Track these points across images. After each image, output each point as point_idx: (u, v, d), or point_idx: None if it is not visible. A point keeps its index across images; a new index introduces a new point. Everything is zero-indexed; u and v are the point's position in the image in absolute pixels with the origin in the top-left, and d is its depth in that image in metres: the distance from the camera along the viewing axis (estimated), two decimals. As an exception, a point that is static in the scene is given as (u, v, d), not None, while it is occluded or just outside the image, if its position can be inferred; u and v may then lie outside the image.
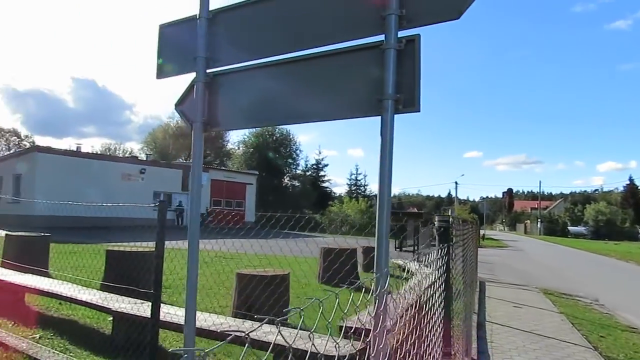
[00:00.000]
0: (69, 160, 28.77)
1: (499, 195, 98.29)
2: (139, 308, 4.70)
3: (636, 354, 6.11)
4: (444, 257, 2.48)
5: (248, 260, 7.77)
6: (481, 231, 34.24)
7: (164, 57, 2.78)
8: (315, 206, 50.22)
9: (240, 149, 59.95)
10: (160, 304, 3.97)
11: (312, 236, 16.58)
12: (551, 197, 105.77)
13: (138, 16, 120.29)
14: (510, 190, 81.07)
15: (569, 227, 68.62)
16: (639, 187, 74.40)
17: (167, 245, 4.06)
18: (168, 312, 4.40)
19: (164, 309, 4.25)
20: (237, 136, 63.18)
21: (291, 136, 58.06)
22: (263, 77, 2.40)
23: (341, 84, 2.12)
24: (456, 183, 60.19)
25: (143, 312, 4.43)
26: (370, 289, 1.46)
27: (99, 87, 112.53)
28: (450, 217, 2.87)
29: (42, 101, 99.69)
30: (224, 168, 48.28)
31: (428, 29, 1.99)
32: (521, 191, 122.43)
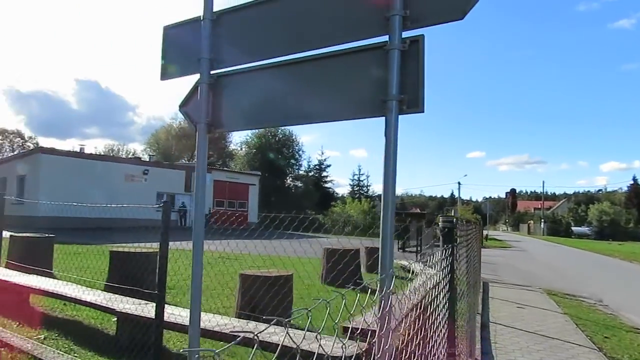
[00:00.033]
0: (72, 161, 28.88)
1: (502, 196, 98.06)
2: (143, 309, 4.71)
3: (641, 355, 6.09)
4: (449, 258, 2.48)
5: (252, 261, 7.77)
6: (484, 231, 34.14)
7: (168, 59, 2.79)
8: (317, 207, 50.21)
9: (243, 149, 60.02)
10: (165, 305, 3.98)
11: (315, 237, 16.58)
12: (554, 197, 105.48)
13: (141, 18, 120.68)
14: (513, 190, 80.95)
15: (573, 228, 68.35)
16: (643, 187, 74.08)
17: (170, 246, 4.07)
18: (172, 313, 4.41)
19: (168, 309, 4.26)
20: (239, 137, 63.18)
21: (294, 137, 58.14)
22: (267, 78, 2.40)
23: (345, 84, 2.12)
24: (459, 183, 59.77)
25: (147, 313, 4.44)
26: (375, 290, 1.46)
27: (102, 89, 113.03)
28: (454, 218, 2.87)
29: (46, 102, 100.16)
30: (226, 169, 48.33)
31: (431, 29, 1.99)
32: (524, 191, 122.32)
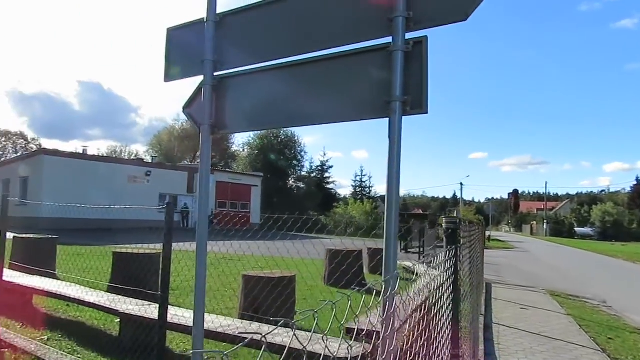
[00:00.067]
0: (75, 162, 28.94)
1: (505, 197, 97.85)
2: (146, 310, 4.71)
3: (645, 356, 6.07)
4: (452, 259, 2.48)
5: (255, 262, 7.78)
6: (487, 232, 34.08)
7: (172, 61, 2.80)
8: (320, 208, 50.22)
9: (245, 151, 60.09)
10: (168, 306, 3.98)
11: (317, 238, 16.58)
12: (557, 198, 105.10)
13: (143, 19, 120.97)
14: (516, 191, 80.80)
15: (576, 229, 68.12)
16: (646, 188, 73.77)
17: (173, 247, 4.07)
18: (175, 314, 4.41)
19: (171, 310, 4.26)
20: (242, 138, 63.32)
21: (296, 138, 58.16)
22: (270, 79, 2.41)
23: (349, 86, 2.12)
24: (461, 184, 59.65)
25: (150, 314, 4.45)
26: (378, 291, 1.46)
27: (104, 90, 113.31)
28: (458, 219, 2.87)
29: (49, 104, 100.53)
30: (229, 170, 48.38)
31: (433, 29, 1.99)
32: (527, 192, 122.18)
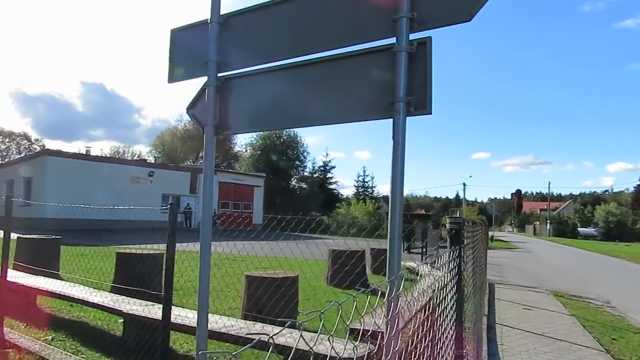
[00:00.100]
0: (78, 163, 29.04)
1: (508, 197, 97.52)
2: (150, 310, 4.73)
3: (649, 357, 6.05)
4: (456, 260, 2.48)
5: (258, 262, 7.79)
6: (490, 233, 34.02)
7: (176, 62, 2.81)
8: (322, 208, 50.25)
9: (248, 151, 60.17)
10: (171, 306, 3.99)
11: (321, 238, 16.58)
12: (560, 198, 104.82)
13: (145, 20, 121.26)
14: (518, 191, 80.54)
15: (579, 229, 67.94)
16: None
17: (176, 248, 4.08)
18: (179, 314, 4.42)
19: (175, 311, 4.27)
20: (244, 138, 63.42)
21: (298, 138, 58.21)
22: (274, 80, 2.41)
23: (352, 86, 2.12)
24: (464, 184, 59.58)
25: (154, 314, 4.46)
26: (382, 292, 1.46)
27: (107, 91, 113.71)
28: (462, 219, 2.87)
29: (52, 105, 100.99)
30: (231, 170, 48.44)
31: (436, 29, 1.99)
32: (530, 192, 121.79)
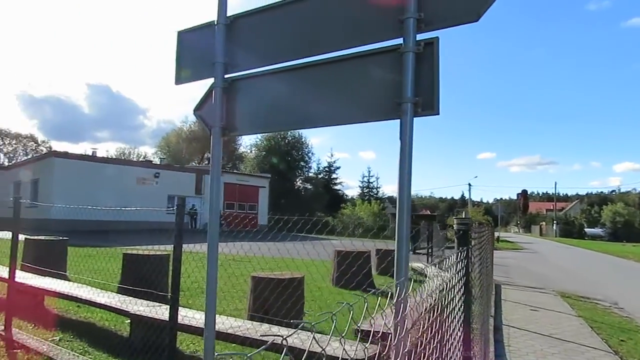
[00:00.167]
0: (85, 164, 29.22)
1: (513, 197, 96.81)
2: (157, 311, 4.74)
3: (658, 359, 5.99)
4: (463, 261, 2.47)
5: (265, 263, 7.80)
6: (496, 233, 33.84)
7: (183, 63, 2.81)
8: (327, 209, 50.19)
9: (253, 152, 60.24)
10: (178, 307, 4.00)
11: (326, 239, 16.57)
12: (567, 199, 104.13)
13: (151, 22, 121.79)
14: (524, 191, 79.75)
15: (586, 229, 67.48)
16: (657, 188, 72.92)
17: (182, 249, 4.09)
18: (186, 315, 4.43)
19: (182, 312, 4.27)
20: (249, 139, 63.58)
21: (303, 139, 58.17)
22: (281, 82, 2.41)
23: (360, 87, 2.12)
24: (469, 185, 59.37)
25: (161, 315, 4.47)
26: (390, 294, 1.46)
27: (113, 93, 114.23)
28: (469, 220, 2.85)
29: (58, 107, 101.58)
30: (236, 171, 48.52)
31: (442, 30, 1.98)
32: (536, 192, 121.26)
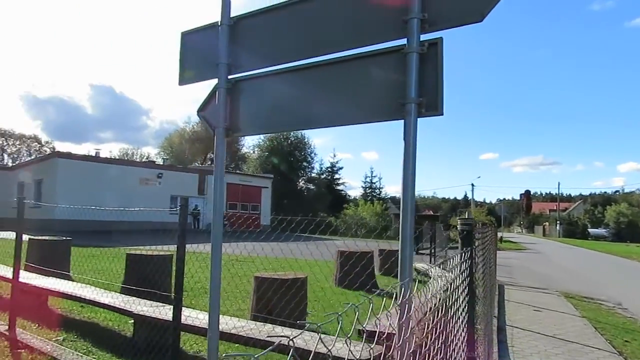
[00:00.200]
0: (88, 165, 29.32)
1: (516, 197, 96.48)
2: (160, 311, 4.74)
3: (663, 360, 5.97)
4: (467, 261, 2.47)
5: (267, 263, 7.81)
6: (499, 234, 33.76)
7: (186, 64, 2.82)
8: (330, 209, 50.15)
9: (255, 152, 60.30)
10: (182, 307, 4.00)
11: (329, 239, 16.57)
12: (570, 199, 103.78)
13: (154, 23, 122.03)
14: (527, 191, 79.65)
15: (589, 229, 67.24)
16: (661, 188, 72.64)
17: (186, 249, 4.09)
18: (189, 316, 4.43)
19: (185, 312, 4.28)
20: (252, 140, 63.68)
21: (306, 139, 58.16)
22: (284, 82, 2.41)
23: (363, 88, 2.12)
24: (472, 185, 59.37)
25: (164, 315, 4.48)
26: (395, 294, 1.46)
27: (116, 94, 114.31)
28: (473, 220, 2.85)
29: (62, 108, 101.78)
30: (239, 172, 48.56)
31: (445, 31, 1.98)
32: (539, 193, 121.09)
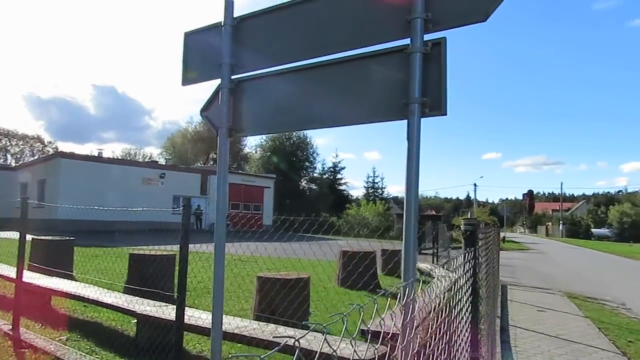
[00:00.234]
0: (91, 165, 29.40)
1: (519, 197, 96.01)
2: (163, 311, 4.75)
3: (666, 360, 5.94)
4: (471, 261, 2.46)
5: (271, 263, 7.80)
6: (501, 234, 33.69)
7: (190, 64, 2.82)
8: (332, 209, 50.11)
9: (258, 152, 60.32)
10: (185, 307, 4.01)
11: (332, 239, 16.56)
12: (573, 199, 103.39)
13: (156, 23, 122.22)
14: (530, 191, 79.31)
15: (592, 230, 66.99)
16: (665, 188, 72.35)
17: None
18: (192, 315, 4.44)
19: (188, 312, 4.29)
20: (254, 140, 63.76)
21: (308, 139, 58.13)
22: (288, 82, 2.41)
23: (366, 88, 2.12)
24: (475, 185, 59.10)
25: (167, 315, 4.48)
26: (394, 293, 1.45)
27: (118, 94, 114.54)
28: (476, 220, 2.84)
29: (64, 108, 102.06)
30: (241, 172, 48.59)
31: (449, 30, 1.98)
32: (542, 193, 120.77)
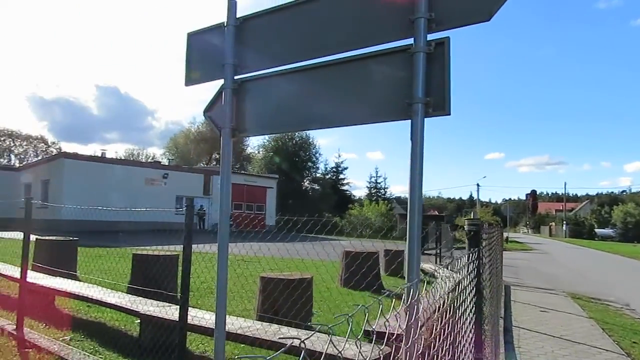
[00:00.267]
0: (94, 165, 29.49)
1: (522, 197, 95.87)
2: (167, 311, 4.76)
3: (671, 361, 5.91)
4: (475, 262, 2.45)
5: (274, 263, 7.83)
6: (505, 234, 33.60)
7: (193, 65, 2.82)
8: (335, 209, 50.08)
9: (260, 152, 60.33)
10: (188, 307, 4.01)
11: (335, 239, 16.55)
12: (577, 199, 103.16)
13: (160, 23, 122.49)
14: (533, 191, 79.14)
15: (596, 230, 66.78)
16: (669, 188, 72.00)
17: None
18: (195, 316, 4.45)
19: (191, 312, 4.29)
20: (256, 140, 63.82)
21: (310, 139, 58.11)
22: (291, 83, 2.41)
23: (370, 88, 2.11)
24: (478, 185, 59.18)
25: (170, 315, 4.49)
26: (397, 294, 1.45)
27: (121, 94, 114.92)
28: (480, 221, 2.83)
29: (68, 108, 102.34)
30: (244, 172, 48.62)
31: (452, 30, 1.97)
32: (545, 193, 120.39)
